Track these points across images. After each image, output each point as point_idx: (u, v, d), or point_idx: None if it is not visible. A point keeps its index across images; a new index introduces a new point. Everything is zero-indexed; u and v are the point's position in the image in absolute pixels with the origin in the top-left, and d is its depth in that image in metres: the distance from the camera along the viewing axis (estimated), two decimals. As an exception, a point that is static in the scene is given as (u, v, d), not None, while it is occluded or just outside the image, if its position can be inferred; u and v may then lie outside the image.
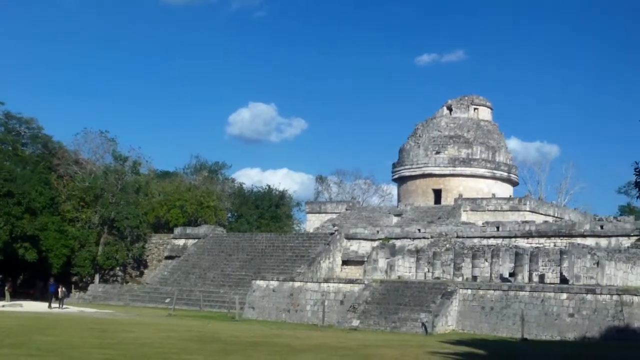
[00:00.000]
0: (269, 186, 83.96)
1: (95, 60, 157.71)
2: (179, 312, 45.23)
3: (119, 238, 62.72)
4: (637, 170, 20.31)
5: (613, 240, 45.63)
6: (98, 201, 62.18)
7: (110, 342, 24.88)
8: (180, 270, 58.98)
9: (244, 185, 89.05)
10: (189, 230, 65.14)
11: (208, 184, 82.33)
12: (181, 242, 64.18)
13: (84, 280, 62.84)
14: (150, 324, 35.24)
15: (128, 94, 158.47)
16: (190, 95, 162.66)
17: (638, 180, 20.46)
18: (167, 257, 64.07)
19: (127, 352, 21.88)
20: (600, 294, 34.33)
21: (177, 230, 65.70)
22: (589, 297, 34.50)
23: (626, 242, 45.10)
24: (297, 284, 43.73)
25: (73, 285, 62.19)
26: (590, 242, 45.18)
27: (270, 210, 79.61)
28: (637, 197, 21.28)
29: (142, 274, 66.40)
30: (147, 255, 66.62)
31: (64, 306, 47.84)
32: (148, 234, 66.48)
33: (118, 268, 64.96)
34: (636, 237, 44.76)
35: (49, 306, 46.85)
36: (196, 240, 63.04)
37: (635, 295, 34.02)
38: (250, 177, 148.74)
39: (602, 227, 46.79)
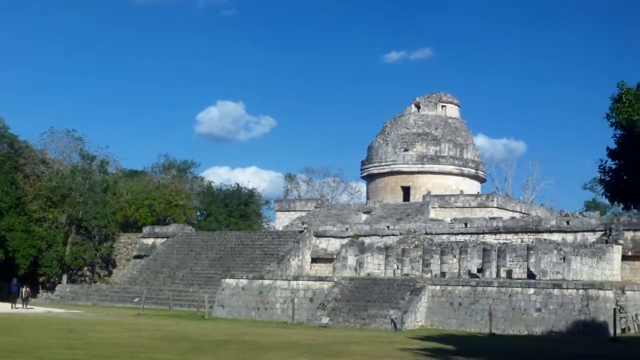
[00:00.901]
0: (238, 184, 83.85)
1: (62, 58, 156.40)
2: (148, 311, 44.99)
3: (86, 238, 62.26)
4: (601, 167, 20.58)
5: (579, 235, 46.15)
6: (65, 201, 61.65)
7: (78, 342, 24.71)
8: (149, 269, 58.68)
9: (212, 184, 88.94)
10: (157, 229, 64.81)
11: (177, 183, 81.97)
12: (150, 241, 63.84)
13: (52, 280, 62.32)
14: (119, 323, 35.03)
15: (95, 92, 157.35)
16: (159, 94, 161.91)
17: (603, 177, 20.74)
18: (136, 257, 63.71)
19: (96, 352, 21.75)
20: (567, 288, 34.74)
21: (146, 230, 65.35)
22: (556, 292, 34.89)
23: (592, 237, 45.64)
24: (266, 282, 43.70)
25: (40, 286, 61.65)
26: (556, 237, 45.66)
27: (240, 208, 79.46)
28: (602, 194, 21.56)
29: (110, 273, 65.98)
30: (116, 255, 66.21)
31: (28, 306, 47.31)
32: (116, 234, 66.06)
33: (86, 268, 64.51)
34: (601, 233, 45.32)
35: (12, 306, 46.30)
36: (165, 239, 62.74)
37: (601, 289, 34.47)
38: (219, 176, 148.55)
39: (568, 222, 47.30)
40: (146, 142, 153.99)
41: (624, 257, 44.23)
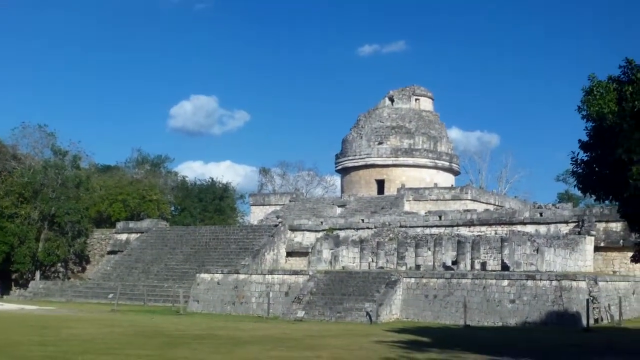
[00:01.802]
0: (212, 179, 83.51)
1: (33, 53, 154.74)
2: (123, 307, 44.74)
3: (59, 234, 61.70)
4: (573, 159, 20.73)
5: (552, 227, 46.50)
6: (37, 196, 61.09)
7: (51, 339, 24.51)
8: (123, 265, 58.33)
9: (187, 179, 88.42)
10: (131, 224, 64.43)
11: (150, 178, 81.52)
12: (124, 236, 63.44)
13: (24, 277, 61.73)
14: (93, 319, 34.81)
15: (67, 87, 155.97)
16: (131, 89, 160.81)
17: (575, 169, 20.89)
18: (110, 252, 63.29)
19: (70, 348, 21.58)
20: (540, 279, 35.01)
21: (120, 225, 64.92)
22: (529, 283, 35.15)
23: (565, 228, 46.02)
24: (241, 276, 43.63)
25: (13, 283, 61.08)
26: (530, 229, 45.99)
27: (214, 203, 79.17)
28: (575, 185, 21.72)
29: (84, 269, 65.51)
30: (89, 251, 65.72)
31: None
32: (90, 229, 65.54)
33: (59, 264, 63.96)
34: (574, 224, 45.71)
35: None
36: (139, 234, 62.37)
37: (574, 280, 34.79)
38: (193, 170, 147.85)
39: (541, 214, 47.65)
40: (119, 137, 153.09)
41: (597, 248, 44.67)
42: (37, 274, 61.10)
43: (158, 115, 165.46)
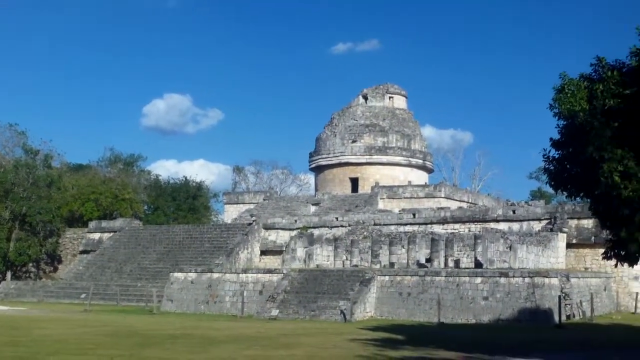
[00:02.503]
0: (186, 178, 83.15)
1: (3, 51, 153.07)
2: (96, 307, 44.42)
3: (31, 233, 61.16)
4: (545, 156, 20.84)
5: (525, 224, 46.78)
6: (8, 196, 60.51)
7: (23, 339, 24.27)
8: (96, 264, 57.91)
9: (160, 177, 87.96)
10: (104, 223, 63.99)
11: (123, 177, 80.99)
12: (96, 236, 62.98)
13: (-5, 277, 61.18)
14: (65, 320, 34.52)
15: (38, 85, 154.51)
16: (103, 87, 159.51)
17: (547, 166, 21.00)
18: (82, 252, 62.82)
19: (41, 349, 21.39)
20: (513, 276, 35.21)
21: (92, 224, 64.44)
22: (502, 280, 35.34)
23: (537, 225, 46.30)
24: (215, 275, 43.49)
25: (-17, 283, 60.47)
26: (503, 226, 46.23)
27: (188, 201, 78.85)
28: (547, 183, 21.84)
29: (56, 269, 64.97)
30: (62, 251, 65.21)
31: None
32: (62, 229, 65.04)
33: (31, 264, 63.41)
34: (547, 221, 46.01)
35: None
36: (112, 233, 61.96)
37: (546, 277, 35.02)
38: (166, 169, 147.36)
39: (514, 211, 47.93)
40: (91, 136, 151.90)
41: (569, 245, 44.97)
42: (8, 274, 60.50)
43: (131, 113, 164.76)
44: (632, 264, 21.05)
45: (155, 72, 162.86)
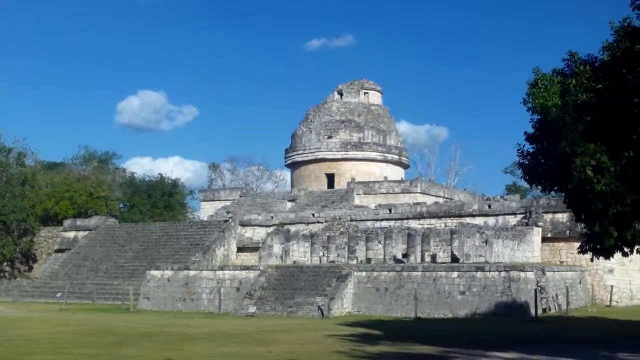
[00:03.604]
0: (161, 175, 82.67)
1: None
2: (71, 306, 44.12)
3: (5, 232, 60.52)
4: (520, 151, 20.98)
5: (500, 218, 47.06)
6: (-19, 195, 59.93)
7: (-2, 339, 24.05)
8: (72, 263, 57.53)
9: (135, 175, 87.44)
10: (79, 222, 63.54)
11: (98, 174, 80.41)
12: (71, 234, 62.55)
13: (-31, 277, 60.58)
14: (40, 319, 34.24)
15: (10, 83, 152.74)
16: (76, 84, 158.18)
17: (521, 160, 21.13)
18: (57, 251, 62.36)
19: (16, 349, 21.21)
20: (489, 271, 35.43)
21: (67, 223, 63.97)
22: (479, 274, 35.54)
23: (513, 220, 46.59)
24: (192, 272, 43.38)
25: (-43, 283, 59.83)
26: (479, 221, 46.47)
27: (163, 199, 78.45)
28: (522, 177, 21.99)
29: (31, 268, 64.43)
30: (36, 249, 64.68)
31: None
32: (36, 227, 64.47)
33: (5, 263, 62.77)
34: (522, 215, 46.31)
35: None
36: (87, 232, 61.56)
37: (522, 271, 35.27)
38: (141, 166, 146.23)
39: (489, 206, 48.19)
40: (65, 134, 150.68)
41: (544, 239, 45.31)
42: (-18, 274, 59.95)
43: (105, 111, 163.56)
44: (607, 257, 21.25)
45: (129, 68, 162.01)
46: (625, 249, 20.63)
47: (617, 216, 18.47)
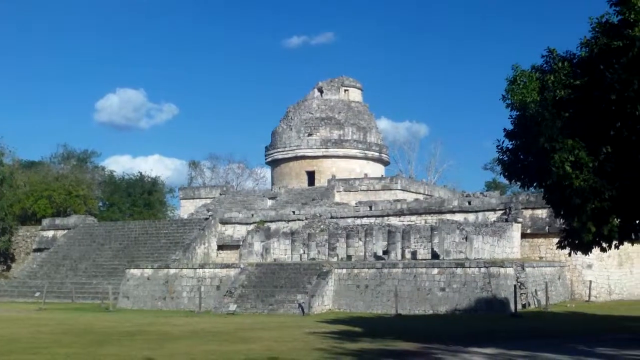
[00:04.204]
0: (141, 173, 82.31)
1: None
2: (50, 305, 43.83)
3: (-18, 232, 60.16)
4: (499, 147, 21.05)
5: (480, 215, 47.22)
6: (-41, 194, 59.41)
7: (-25, 340, 23.83)
8: (50, 262, 57.15)
9: (114, 173, 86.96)
10: (58, 221, 63.12)
11: (77, 173, 79.86)
12: (50, 233, 62.14)
13: (-54, 277, 60.05)
14: (19, 319, 33.98)
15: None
16: (54, 82, 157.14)
17: (501, 157, 21.21)
18: (36, 250, 61.94)
19: (-6, 349, 21.02)
20: (469, 267, 35.56)
21: (46, 222, 63.56)
22: (459, 271, 35.66)
23: (492, 216, 46.78)
24: (172, 270, 43.22)
25: None
26: (459, 217, 46.62)
27: (143, 197, 78.12)
28: (501, 173, 22.06)
29: (9, 268, 63.97)
30: (14, 249, 64.23)
31: None
32: (14, 227, 64.05)
33: (-17, 263, 62.41)
34: (502, 212, 46.49)
35: None
36: (66, 231, 61.18)
37: (502, 267, 35.43)
38: (121, 165, 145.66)
39: (469, 203, 48.35)
40: (43, 132, 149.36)
41: (523, 235, 45.53)
42: (-40, 274, 59.47)
43: (83, 109, 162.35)
44: (585, 252, 21.38)
45: (108, 66, 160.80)
46: (604, 244, 20.78)
47: (595, 211, 18.59)
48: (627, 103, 17.21)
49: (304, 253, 45.22)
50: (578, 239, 20.22)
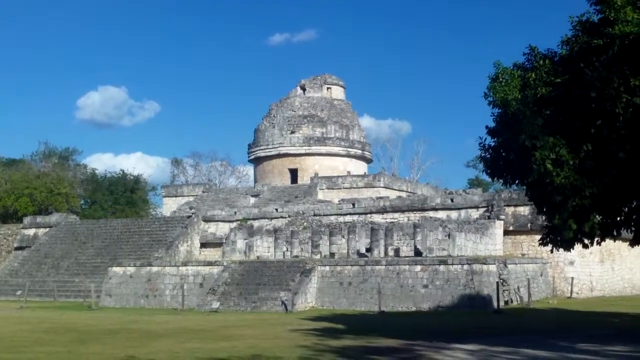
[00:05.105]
0: (123, 171, 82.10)
1: None
2: (32, 304, 43.60)
3: (-37, 230, 59.76)
4: (481, 144, 21.13)
5: (463, 212, 47.37)
6: (-61, 192, 58.98)
7: (-44, 338, 23.67)
8: (32, 260, 56.83)
9: (96, 171, 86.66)
10: (39, 219, 62.78)
11: (59, 171, 79.54)
12: (32, 231, 61.78)
13: None
14: (0, 317, 33.78)
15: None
16: (36, 79, 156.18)
17: (483, 154, 21.28)
18: (17, 248, 61.57)
19: (-25, 348, 20.89)
20: (452, 264, 35.66)
21: (27, 220, 63.17)
22: (442, 268, 35.76)
23: (475, 213, 46.94)
24: (155, 268, 43.10)
25: None
26: (441, 215, 46.75)
27: (125, 195, 77.90)
28: (483, 171, 22.15)
29: (-10, 266, 63.57)
30: (-4, 247, 63.84)
31: None
32: (-5, 225, 63.72)
33: (-36, 261, 61.95)
34: (484, 209, 46.66)
35: None
36: (48, 229, 60.84)
37: (484, 264, 35.56)
38: (103, 163, 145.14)
39: (452, 200, 48.49)
40: (25, 130, 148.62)
41: (506, 232, 45.71)
42: (-59, 273, 58.97)
43: (65, 106, 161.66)
44: (567, 249, 21.51)
45: (90, 64, 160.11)
46: (585, 241, 20.94)
47: (576, 209, 18.71)
48: (607, 101, 17.33)
49: (287, 250, 45.22)
50: (560, 235, 20.35)
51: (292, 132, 67.36)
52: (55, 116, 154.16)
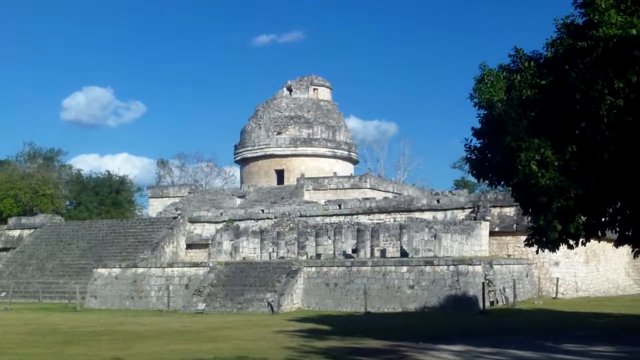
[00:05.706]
0: (109, 172, 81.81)
1: None
2: (16, 305, 43.37)
3: (-53, 231, 59.36)
4: (467, 146, 21.17)
5: (449, 213, 47.47)
6: None
7: (-60, 341, 23.52)
8: (16, 262, 56.51)
9: (82, 172, 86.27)
10: (24, 220, 62.46)
11: (43, 172, 79.11)
12: (16, 232, 61.46)
13: None
14: (-16, 319, 33.61)
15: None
16: (20, 80, 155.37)
17: (469, 155, 21.33)
18: (2, 249, 61.17)
19: (-41, 350, 20.76)
20: (438, 265, 35.74)
21: (12, 221, 62.84)
22: (428, 268, 35.83)
23: (461, 214, 47.05)
24: (140, 270, 42.97)
25: None
26: (427, 216, 46.84)
27: (111, 196, 77.61)
28: (469, 172, 22.20)
29: (-26, 268, 63.15)
30: (-21, 248, 63.42)
31: None
32: (-21, 226, 63.28)
33: (-52, 263, 61.49)
34: (470, 210, 46.77)
35: None
36: (32, 230, 60.53)
37: (470, 265, 35.65)
38: (88, 163, 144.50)
39: (438, 201, 48.59)
40: (9, 130, 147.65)
41: (492, 233, 45.85)
42: None
43: (50, 107, 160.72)
44: (552, 250, 21.59)
45: (75, 64, 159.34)
46: (570, 242, 21.03)
47: (561, 210, 18.80)
48: (592, 103, 17.43)
49: (273, 252, 45.18)
50: (545, 236, 20.41)
51: (279, 133, 67.35)
52: (40, 117, 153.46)
